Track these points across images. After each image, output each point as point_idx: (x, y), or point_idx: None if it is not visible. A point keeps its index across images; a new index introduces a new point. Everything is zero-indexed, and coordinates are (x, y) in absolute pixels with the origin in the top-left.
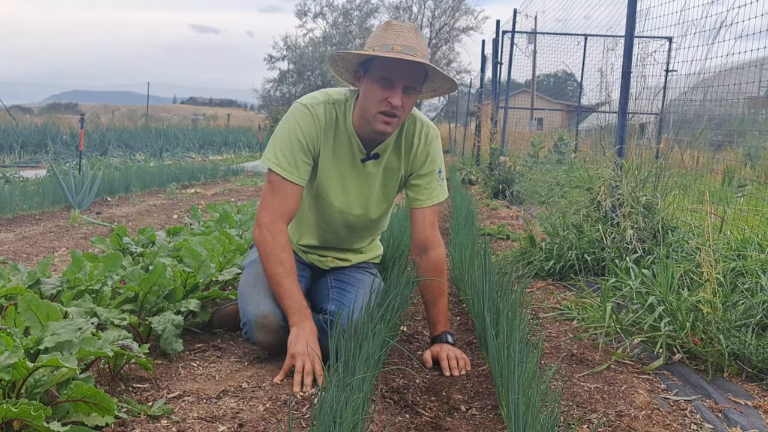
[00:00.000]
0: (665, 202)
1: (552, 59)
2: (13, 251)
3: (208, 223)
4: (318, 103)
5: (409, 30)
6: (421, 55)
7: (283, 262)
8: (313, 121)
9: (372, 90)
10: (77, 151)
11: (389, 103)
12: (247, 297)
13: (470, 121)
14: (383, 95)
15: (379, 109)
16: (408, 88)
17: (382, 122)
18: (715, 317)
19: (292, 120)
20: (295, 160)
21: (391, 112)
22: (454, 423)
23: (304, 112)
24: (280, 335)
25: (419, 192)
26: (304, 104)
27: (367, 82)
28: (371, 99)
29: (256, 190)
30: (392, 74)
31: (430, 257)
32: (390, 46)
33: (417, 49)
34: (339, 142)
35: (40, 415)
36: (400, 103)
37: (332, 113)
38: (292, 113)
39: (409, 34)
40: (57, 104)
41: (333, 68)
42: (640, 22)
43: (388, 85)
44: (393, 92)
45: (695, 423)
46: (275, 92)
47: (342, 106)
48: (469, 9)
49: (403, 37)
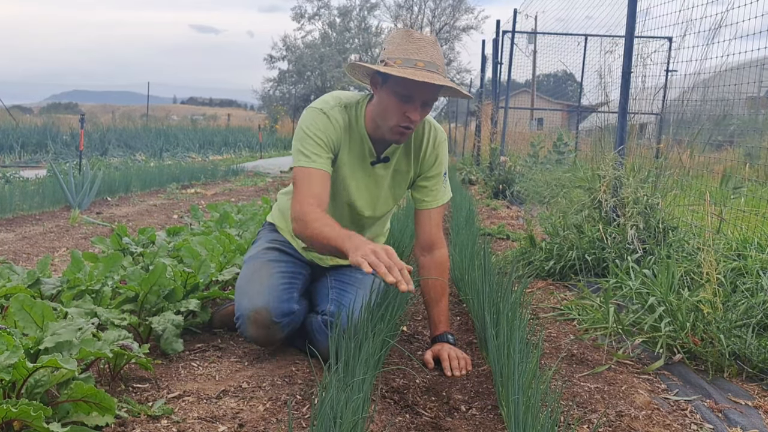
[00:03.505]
0: (666, 202)
1: (552, 59)
2: (13, 251)
3: (208, 223)
4: (332, 106)
5: (431, 44)
6: (442, 70)
7: (318, 218)
8: (332, 121)
9: (391, 102)
10: (77, 151)
11: (408, 117)
12: (243, 291)
13: (470, 121)
14: (402, 109)
15: (399, 123)
16: (425, 104)
17: (398, 134)
18: (716, 317)
19: (310, 122)
20: (316, 152)
21: (408, 126)
22: (454, 423)
23: (321, 115)
24: (272, 330)
25: (426, 193)
26: (319, 108)
27: (386, 92)
28: (390, 111)
29: (256, 190)
30: (413, 92)
31: (435, 257)
32: (413, 61)
33: (438, 65)
34: (353, 145)
35: (40, 416)
36: (419, 118)
37: (346, 116)
38: (310, 116)
39: (431, 48)
40: (57, 104)
41: (349, 71)
42: (640, 22)
43: (408, 101)
44: (412, 107)
45: (695, 423)
46: (275, 92)
47: (353, 109)
48: (469, 8)
49: (425, 53)
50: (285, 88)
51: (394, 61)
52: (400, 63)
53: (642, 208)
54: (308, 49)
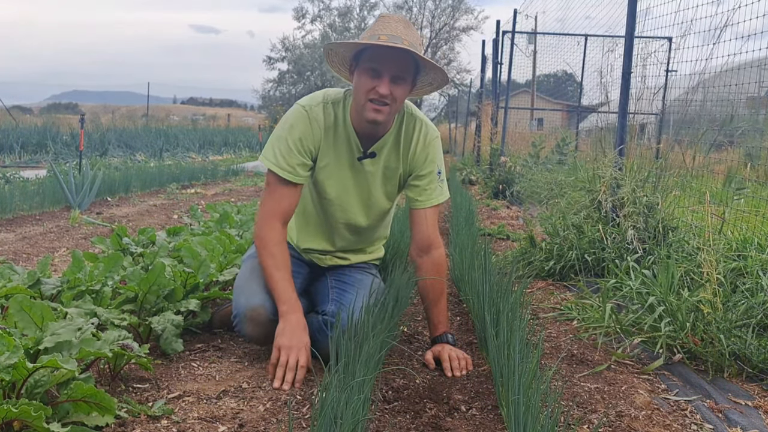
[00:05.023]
0: (665, 202)
1: (552, 59)
2: (13, 251)
3: (208, 223)
4: (317, 104)
5: (397, 21)
6: (408, 44)
7: (275, 255)
8: (312, 122)
9: (361, 81)
10: (77, 151)
11: (377, 91)
12: (240, 290)
13: (470, 121)
14: (371, 84)
15: (368, 97)
16: (396, 78)
17: (372, 110)
18: (716, 317)
19: (291, 121)
20: (292, 160)
21: (379, 100)
22: (455, 423)
23: (302, 114)
24: (269, 329)
25: (419, 193)
26: (303, 106)
27: (358, 73)
28: (360, 89)
29: (256, 190)
30: (379, 64)
31: (432, 257)
32: (377, 36)
33: (404, 39)
34: (339, 142)
35: (40, 416)
36: (388, 92)
37: (331, 113)
38: (291, 114)
39: (398, 24)
40: (57, 104)
41: (330, 64)
42: (640, 22)
43: (376, 75)
44: (380, 81)
45: (695, 423)
46: (275, 92)
47: (340, 105)
48: (469, 8)
49: (390, 28)
50: (285, 88)
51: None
52: (366, 39)
53: (641, 208)
54: (308, 49)
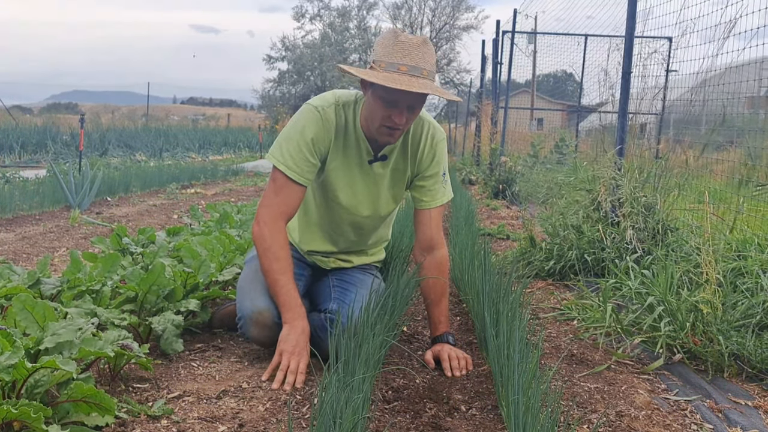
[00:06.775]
0: (665, 202)
1: (552, 59)
2: (13, 251)
3: (208, 223)
4: (329, 105)
5: (416, 46)
6: (428, 73)
7: (280, 259)
8: (324, 123)
9: (376, 105)
10: (77, 151)
11: (393, 120)
12: (245, 292)
13: (470, 121)
14: (387, 112)
15: (383, 124)
16: (411, 107)
17: (386, 135)
18: (715, 317)
19: (302, 120)
20: (300, 160)
21: (394, 126)
22: (454, 423)
23: (314, 114)
24: (274, 331)
25: (424, 193)
26: (314, 106)
27: (372, 96)
28: (375, 114)
29: (256, 190)
30: (397, 98)
31: (435, 257)
32: (396, 65)
33: (423, 68)
34: (348, 144)
35: (40, 417)
36: (404, 121)
37: (342, 116)
38: (303, 114)
39: (416, 51)
40: (57, 104)
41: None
42: (640, 22)
43: (392, 106)
44: (397, 111)
45: (695, 423)
46: (275, 92)
47: (351, 108)
48: (469, 8)
49: (410, 56)
50: (285, 88)
51: (379, 65)
52: (384, 66)
53: (640, 208)
54: (308, 49)
